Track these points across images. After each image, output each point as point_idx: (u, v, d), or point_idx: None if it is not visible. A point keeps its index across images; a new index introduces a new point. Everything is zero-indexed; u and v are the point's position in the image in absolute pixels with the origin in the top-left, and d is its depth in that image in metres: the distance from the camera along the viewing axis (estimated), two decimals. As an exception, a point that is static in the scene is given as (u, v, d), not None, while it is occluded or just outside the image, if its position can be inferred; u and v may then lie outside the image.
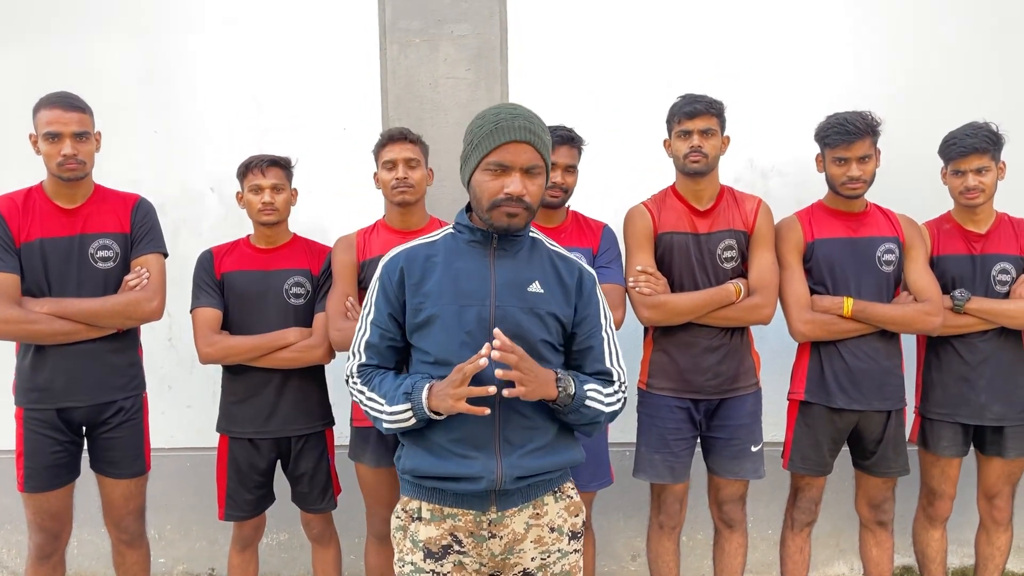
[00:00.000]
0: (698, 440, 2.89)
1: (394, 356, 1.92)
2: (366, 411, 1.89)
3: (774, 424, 2.99)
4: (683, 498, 2.91)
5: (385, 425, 1.83)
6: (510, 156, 1.76)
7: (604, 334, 1.93)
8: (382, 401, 1.83)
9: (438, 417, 1.78)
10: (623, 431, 3.12)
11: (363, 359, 1.91)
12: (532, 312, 1.83)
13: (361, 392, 1.89)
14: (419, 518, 1.88)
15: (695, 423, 2.83)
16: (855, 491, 2.98)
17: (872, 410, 2.77)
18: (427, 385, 1.77)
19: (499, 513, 1.84)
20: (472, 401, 1.72)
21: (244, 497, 2.81)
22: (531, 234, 1.92)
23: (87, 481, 2.82)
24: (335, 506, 2.93)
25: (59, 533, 2.76)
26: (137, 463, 2.80)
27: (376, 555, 2.92)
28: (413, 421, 1.79)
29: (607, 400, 1.88)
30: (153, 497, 2.97)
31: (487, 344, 1.72)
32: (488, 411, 1.72)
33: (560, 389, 1.79)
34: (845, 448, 2.91)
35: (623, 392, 1.94)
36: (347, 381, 1.94)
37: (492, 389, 1.69)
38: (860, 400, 2.76)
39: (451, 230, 1.92)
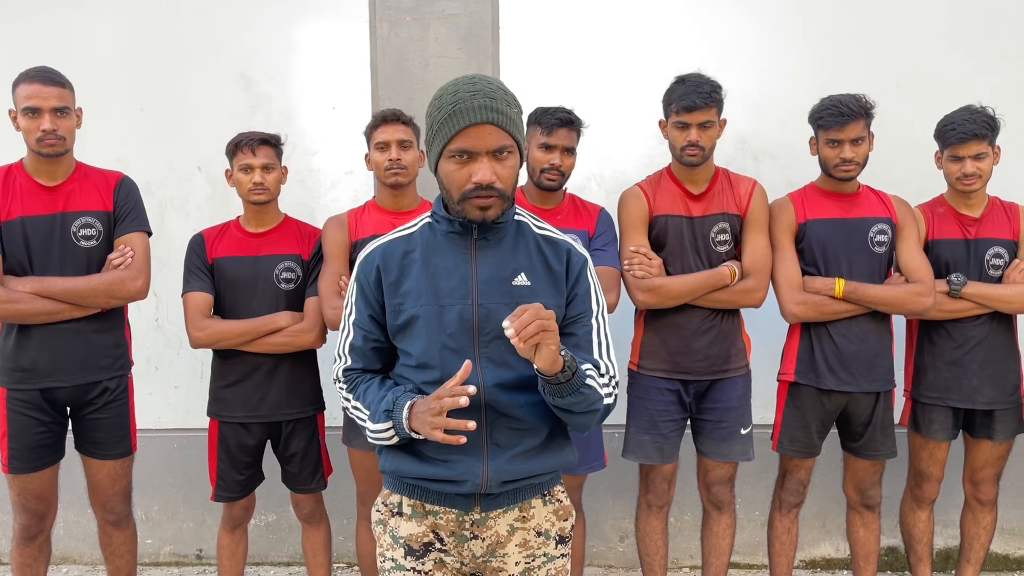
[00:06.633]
0: (688, 421, 2.89)
1: (380, 358, 1.79)
2: (353, 418, 1.81)
3: (763, 406, 3.00)
4: (671, 477, 2.92)
5: (370, 439, 1.73)
6: (473, 141, 1.59)
7: (594, 322, 1.76)
8: (366, 414, 1.73)
9: (420, 437, 1.65)
10: (613, 413, 3.12)
11: (348, 362, 1.80)
12: None
13: (347, 399, 1.80)
14: (399, 513, 1.78)
15: (685, 405, 2.83)
16: (843, 473, 3.00)
17: (861, 392, 2.78)
18: (408, 403, 1.64)
19: (483, 514, 1.74)
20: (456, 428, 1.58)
21: (234, 478, 2.80)
22: (516, 216, 1.76)
23: (73, 461, 2.79)
24: (325, 486, 2.91)
25: (44, 514, 2.74)
26: (123, 444, 2.77)
27: (369, 541, 2.90)
28: (396, 440, 1.69)
29: (602, 386, 1.70)
30: (140, 478, 2.95)
31: (467, 361, 1.59)
32: (464, 440, 1.59)
33: (564, 356, 1.59)
34: (833, 429, 2.92)
35: (614, 388, 1.75)
36: (334, 383, 1.84)
37: (472, 424, 1.55)
38: (850, 382, 2.76)
39: (428, 219, 1.76)
